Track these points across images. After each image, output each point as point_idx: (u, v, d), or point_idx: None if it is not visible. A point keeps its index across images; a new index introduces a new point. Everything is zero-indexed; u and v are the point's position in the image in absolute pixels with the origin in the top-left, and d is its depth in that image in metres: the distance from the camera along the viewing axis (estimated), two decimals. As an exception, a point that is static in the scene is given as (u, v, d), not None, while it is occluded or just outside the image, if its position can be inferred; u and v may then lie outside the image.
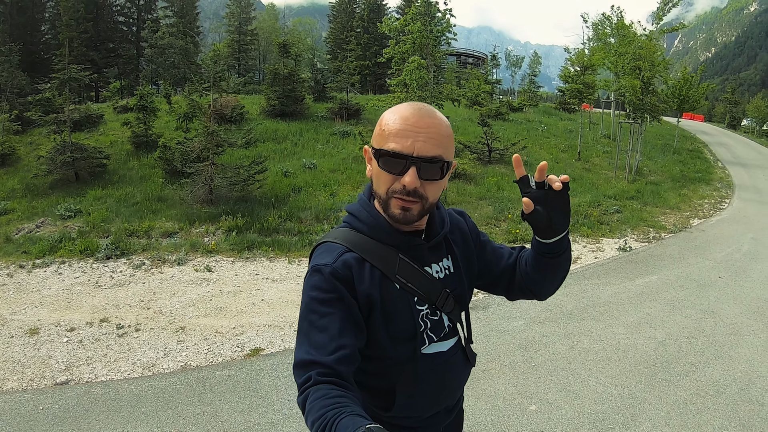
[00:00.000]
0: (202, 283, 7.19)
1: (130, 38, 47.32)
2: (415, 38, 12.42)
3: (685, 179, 20.75)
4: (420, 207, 1.44)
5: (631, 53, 20.03)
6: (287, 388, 4.38)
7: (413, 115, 1.41)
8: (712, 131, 48.67)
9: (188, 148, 12.01)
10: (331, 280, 1.39)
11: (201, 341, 5.39)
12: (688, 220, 13.93)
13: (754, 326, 6.79)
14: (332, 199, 12.12)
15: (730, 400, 4.86)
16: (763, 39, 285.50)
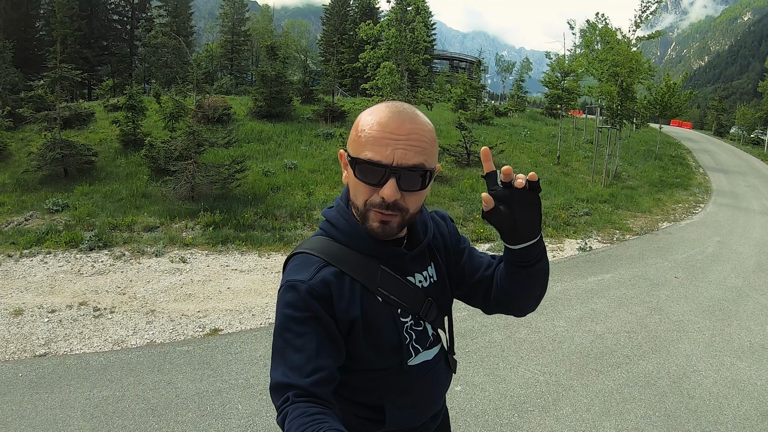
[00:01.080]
0: (175, 273, 7.78)
1: (123, 37, 47.58)
2: (390, 44, 12.88)
3: (662, 184, 21.08)
4: (399, 219, 1.39)
5: (610, 59, 20.41)
6: (236, 362, 4.97)
7: (392, 120, 1.33)
8: (699, 138, 49.00)
9: (172, 146, 12.54)
10: (307, 299, 1.34)
11: (167, 322, 5.99)
12: (656, 224, 14.24)
13: (700, 324, 7.02)
14: (308, 198, 12.67)
15: (659, 392, 5.06)
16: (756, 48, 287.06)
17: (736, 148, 45.40)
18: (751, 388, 5.31)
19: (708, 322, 7.10)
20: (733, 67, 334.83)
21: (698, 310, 7.59)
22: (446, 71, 58.56)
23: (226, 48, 53.31)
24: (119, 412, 4.13)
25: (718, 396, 5.10)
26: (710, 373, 5.56)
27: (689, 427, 4.52)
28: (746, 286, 9.07)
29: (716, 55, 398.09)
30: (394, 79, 12.75)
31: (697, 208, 17.51)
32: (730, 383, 5.38)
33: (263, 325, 6.00)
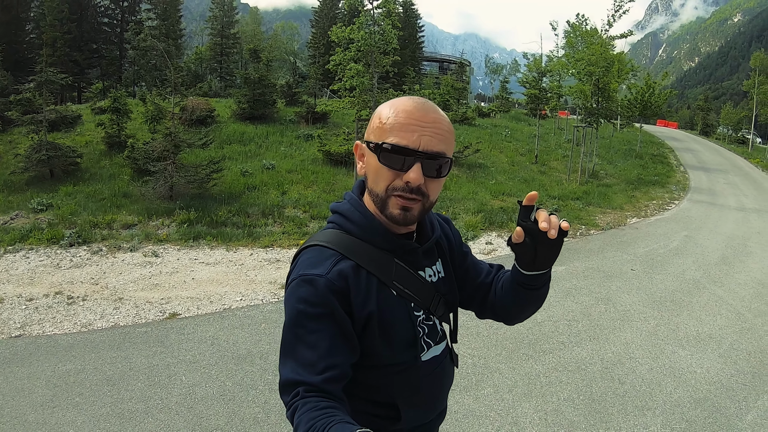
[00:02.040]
0: (146, 266, 8.34)
1: (113, 39, 47.69)
2: (359, 46, 13.34)
3: (640, 182, 21.34)
4: (421, 206, 1.41)
5: (585, 59, 20.85)
6: (187, 341, 5.55)
7: (418, 110, 1.38)
8: (683, 138, 49.27)
9: (151, 148, 13.07)
10: (325, 294, 1.35)
11: (132, 308, 6.56)
12: (625, 219, 14.42)
13: (647, 314, 7.17)
14: (282, 197, 13.20)
15: (588, 377, 5.20)
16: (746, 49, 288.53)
17: (721, 147, 45.63)
18: (689, 375, 5.46)
19: (656, 312, 7.28)
20: (723, 68, 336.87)
21: (648, 300, 7.76)
22: (434, 73, 58.97)
23: (215, 51, 53.67)
24: (78, 382, 4.71)
25: (650, 382, 5.23)
26: (647, 361, 5.72)
27: (613, 411, 4.67)
28: (705, 278, 9.25)
29: (706, 56, 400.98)
30: (362, 81, 13.22)
31: (671, 204, 17.73)
32: (666, 370, 5.54)
33: (218, 310, 6.55)
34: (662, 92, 34.38)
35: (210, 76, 50.54)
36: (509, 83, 47.10)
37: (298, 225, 10.97)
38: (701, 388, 5.21)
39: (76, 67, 43.43)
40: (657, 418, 4.61)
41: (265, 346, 5.41)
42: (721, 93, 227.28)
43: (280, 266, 8.52)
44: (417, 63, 64.91)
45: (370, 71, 13.48)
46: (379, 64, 13.72)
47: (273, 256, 9.10)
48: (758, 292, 8.76)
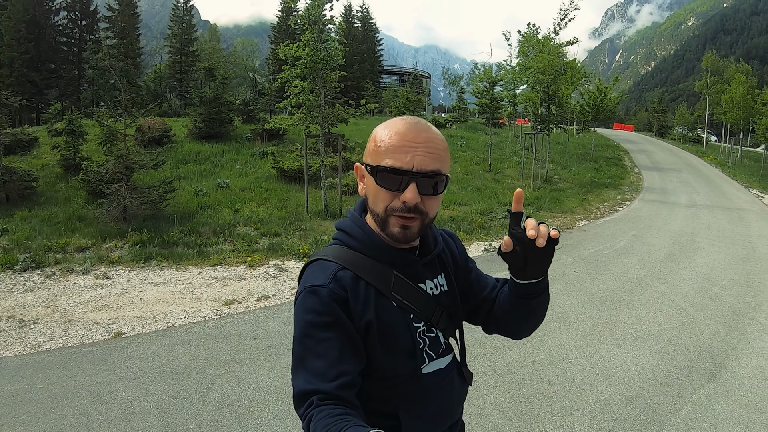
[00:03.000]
0: (97, 288, 8.63)
1: (71, 59, 47.09)
2: (305, 63, 13.69)
3: (593, 185, 21.92)
4: (419, 224, 1.46)
5: (534, 67, 21.45)
6: (129, 359, 5.87)
7: (410, 130, 1.43)
8: (638, 140, 50.57)
9: (104, 170, 13.27)
10: (329, 303, 1.40)
11: (80, 329, 6.87)
12: (574, 222, 14.81)
13: (585, 314, 7.34)
14: (234, 215, 13.49)
15: (517, 380, 5.30)
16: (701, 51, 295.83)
17: (675, 147, 46.88)
18: (622, 374, 5.58)
19: (594, 312, 7.46)
20: (679, 71, 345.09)
21: (588, 301, 7.95)
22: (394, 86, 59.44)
23: (174, 69, 53.29)
24: (26, 400, 5.02)
25: (581, 382, 5.33)
26: (579, 361, 5.83)
27: (539, 413, 4.76)
28: (649, 275, 9.57)
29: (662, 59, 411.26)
30: (308, 98, 13.57)
31: (623, 205, 18.22)
32: (599, 370, 5.65)
33: (161, 328, 6.88)
34: (614, 96, 35.24)
35: (170, 95, 50.35)
36: (465, 94, 47.74)
37: (248, 242, 11.25)
38: (634, 385, 5.34)
39: (34, 87, 43.15)
40: (585, 418, 4.72)
41: (203, 361, 5.75)
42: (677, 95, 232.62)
43: (226, 284, 8.86)
44: (376, 76, 65.23)
45: (317, 88, 13.83)
46: (326, 80, 14.07)
47: (220, 273, 9.42)
48: (702, 286, 9.11)
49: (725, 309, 8.02)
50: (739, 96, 39.32)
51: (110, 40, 48.17)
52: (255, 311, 7.55)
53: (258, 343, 6.26)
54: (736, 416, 4.92)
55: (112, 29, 49.66)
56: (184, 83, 51.10)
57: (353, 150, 21.25)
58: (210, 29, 70.74)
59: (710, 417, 4.87)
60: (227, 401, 4.92)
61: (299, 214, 13.76)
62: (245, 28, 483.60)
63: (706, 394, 5.29)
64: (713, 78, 50.27)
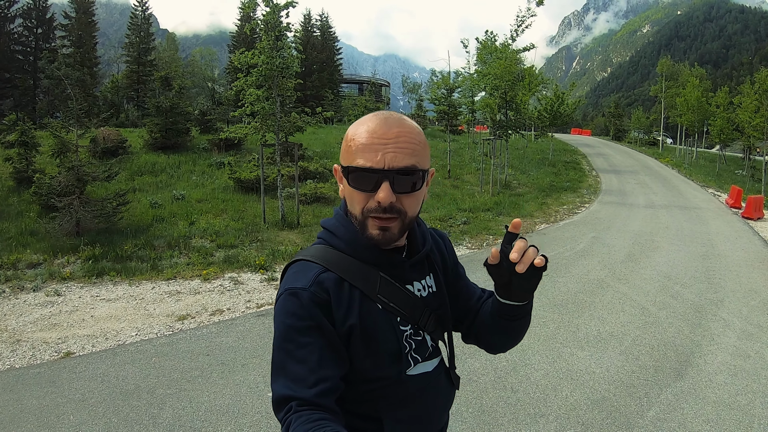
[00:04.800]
0: (47, 305, 8.45)
1: (26, 68, 46.09)
2: (261, 71, 13.62)
3: (552, 189, 22.24)
4: (399, 224, 1.41)
5: (491, 73, 21.69)
6: (78, 380, 5.74)
7: (380, 126, 1.37)
8: (596, 144, 51.58)
9: (55, 182, 13.02)
10: (309, 306, 1.36)
11: (29, 349, 6.72)
12: (534, 226, 14.98)
13: (546, 318, 7.31)
14: (189, 227, 13.34)
15: (480, 389, 5.22)
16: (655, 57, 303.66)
17: (632, 150, 48.02)
18: (587, 377, 5.53)
19: (556, 315, 7.43)
20: (635, 76, 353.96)
21: (549, 304, 7.90)
22: (354, 94, 59.55)
23: (132, 78, 52.54)
24: (-31, 426, 4.95)
25: (545, 388, 5.27)
26: (543, 366, 5.78)
27: (503, 421, 4.69)
28: (610, 276, 9.67)
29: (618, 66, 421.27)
30: (263, 105, 13.50)
31: (581, 208, 18.48)
32: (563, 374, 5.59)
33: (111, 347, 6.74)
34: (572, 102, 35.82)
35: (127, 105, 49.61)
36: (424, 102, 48.07)
37: (204, 255, 11.13)
38: (599, 388, 5.30)
39: (-12, 97, 42.19)
40: (550, 425, 4.66)
41: (153, 380, 5.63)
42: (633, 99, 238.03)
43: (180, 298, 8.75)
44: (335, 85, 65.30)
45: (273, 96, 13.76)
46: (283, 88, 14.01)
47: (174, 288, 9.30)
48: (663, 285, 9.25)
49: (688, 306, 8.17)
50: (693, 99, 40.43)
51: (67, 48, 47.37)
52: (209, 326, 7.46)
53: (211, 360, 6.17)
54: (705, 414, 4.95)
55: (69, 38, 48.71)
56: (142, 93, 50.16)
57: (311, 159, 21.14)
58: (168, 38, 69.98)
59: (679, 417, 4.89)
60: (178, 422, 4.82)
61: (256, 225, 13.65)
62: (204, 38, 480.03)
63: (673, 393, 5.32)
64: (668, 82, 51.60)
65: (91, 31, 51.16)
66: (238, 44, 56.12)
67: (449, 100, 25.25)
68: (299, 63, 14.25)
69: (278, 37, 13.78)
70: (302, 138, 18.01)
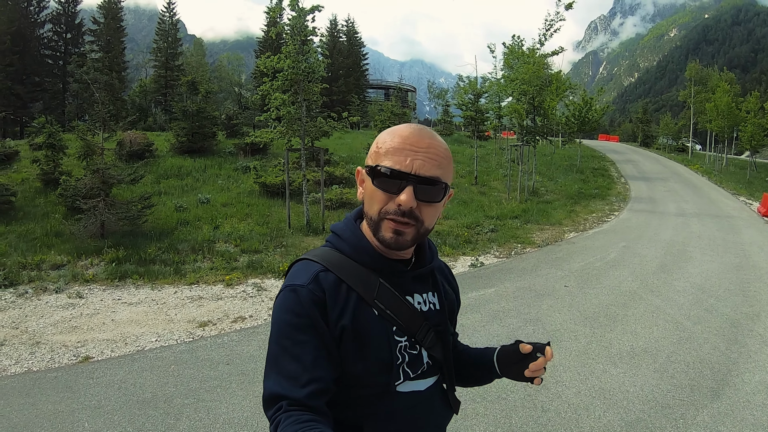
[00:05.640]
0: (69, 308, 8.39)
1: (56, 72, 46.82)
2: (286, 75, 13.52)
3: (580, 196, 21.91)
4: (414, 231, 1.40)
5: (519, 78, 21.45)
6: (95, 386, 5.62)
7: (413, 135, 1.39)
8: (624, 150, 50.95)
9: (80, 185, 13.06)
10: (307, 303, 1.37)
11: (48, 352, 6.63)
12: (563, 234, 14.65)
13: (578, 331, 7.03)
14: (214, 231, 13.26)
15: (508, 407, 4.95)
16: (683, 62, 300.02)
17: (661, 156, 47.33)
18: (620, 396, 5.26)
19: (587, 329, 7.14)
20: (662, 81, 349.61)
21: (580, 317, 7.64)
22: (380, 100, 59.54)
23: (160, 83, 52.97)
24: (-18, 430, 4.83)
25: (577, 407, 5.01)
26: (574, 383, 5.51)
27: None
28: (642, 288, 9.30)
29: (645, 71, 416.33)
30: (289, 110, 13.40)
31: (611, 216, 18.12)
32: (596, 392, 5.32)
33: (131, 352, 6.63)
34: (599, 107, 35.40)
35: (154, 109, 50.04)
36: (451, 107, 47.86)
37: (227, 260, 11.05)
38: (634, 408, 5.02)
39: (18, 100, 42.74)
40: None
41: (171, 389, 5.49)
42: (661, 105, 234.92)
43: (202, 303, 8.65)
44: (362, 90, 65.41)
45: (298, 100, 13.66)
46: (308, 92, 13.91)
47: (197, 293, 9.21)
48: (697, 298, 8.84)
49: (723, 321, 7.79)
50: (723, 104, 39.69)
51: (95, 53, 47.82)
52: (230, 333, 7.32)
53: (231, 369, 6.00)
54: (745, 437, 4.69)
55: (98, 43, 49.27)
56: (169, 97, 50.30)
57: (337, 164, 21.05)
58: (195, 43, 70.41)
59: (718, 440, 4.62)
60: (194, 433, 4.67)
61: (281, 230, 13.56)
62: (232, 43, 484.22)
63: (710, 414, 5.02)
64: (697, 87, 50.69)
65: (119, 36, 51.59)
66: (264, 49, 56.15)
67: (476, 105, 24.97)
68: (325, 67, 14.13)
69: (304, 41, 13.70)
70: (328, 143, 17.92)
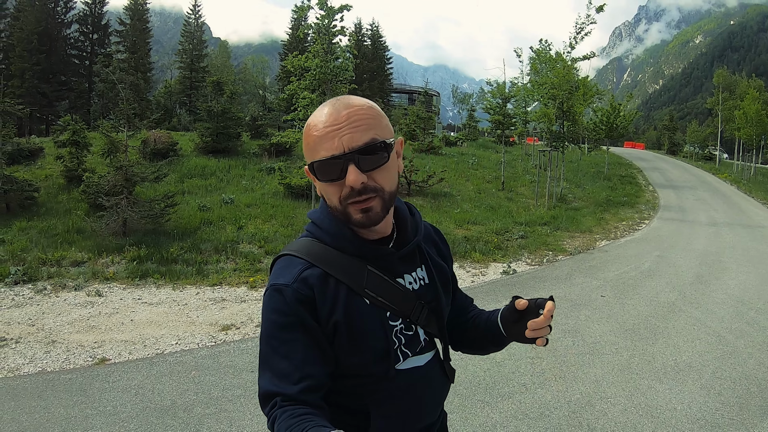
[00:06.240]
0: (87, 306, 8.13)
1: (82, 72, 47.54)
2: (314, 75, 13.23)
3: (609, 203, 21.55)
4: (380, 201, 1.37)
5: (548, 82, 21.15)
6: (111, 390, 5.31)
7: (329, 114, 1.34)
8: (651, 157, 50.32)
9: (103, 182, 12.88)
10: (292, 303, 1.34)
11: (63, 352, 6.34)
12: (594, 242, 14.31)
13: (618, 344, 6.74)
14: (237, 232, 13.00)
15: (553, 425, 4.72)
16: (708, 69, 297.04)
17: (688, 165, 46.72)
18: (668, 414, 4.97)
19: (629, 342, 6.85)
20: (687, 89, 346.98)
21: (620, 329, 7.35)
22: (404, 104, 59.48)
23: (185, 84, 53.49)
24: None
25: (624, 425, 4.74)
26: (620, 400, 5.23)
27: None
28: (680, 299, 8.93)
29: (670, 78, 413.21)
30: (314, 110, 13.11)
31: (641, 224, 17.77)
32: (642, 410, 5.04)
33: (149, 355, 6.33)
34: (628, 114, 34.91)
35: (179, 110, 50.40)
36: (476, 112, 47.57)
37: (251, 261, 10.77)
38: (683, 428, 4.73)
39: (45, 99, 43.25)
40: None
41: (192, 397, 5.16)
42: (686, 113, 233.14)
43: (225, 306, 8.34)
44: (386, 94, 65.56)
45: (326, 100, 13.38)
46: (336, 92, 13.62)
47: (219, 295, 8.91)
48: (738, 310, 8.50)
49: (766, 335, 7.40)
50: (753, 112, 38.80)
51: (121, 54, 48.38)
52: (254, 338, 6.93)
53: (255, 377, 5.58)
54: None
55: (123, 43, 49.90)
56: (194, 98, 50.79)
57: (363, 166, 20.49)
58: (220, 45, 70.90)
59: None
60: (216, 447, 4.32)
61: (306, 233, 13.20)
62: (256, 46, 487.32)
63: None
64: (724, 94, 49.83)
65: (145, 38, 52.17)
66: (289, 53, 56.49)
67: (504, 110, 24.62)
68: (353, 67, 13.85)
69: (331, 41, 13.43)
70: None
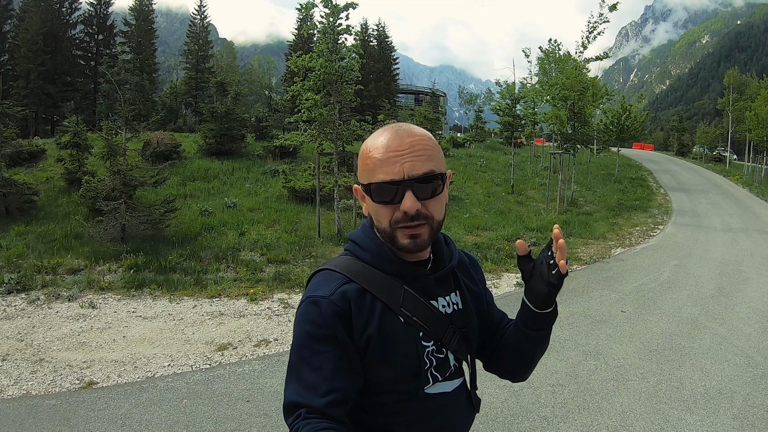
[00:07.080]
0: (79, 319, 7.76)
1: (87, 73, 47.54)
2: (319, 75, 12.88)
3: (621, 208, 21.16)
4: (428, 229, 1.40)
5: (560, 83, 20.78)
6: (96, 420, 4.93)
7: (393, 139, 1.38)
8: (660, 159, 49.86)
9: (102, 186, 12.55)
10: (329, 315, 1.35)
11: (50, 373, 5.97)
12: (609, 250, 13.92)
13: (644, 368, 6.27)
14: (239, 238, 12.61)
15: None
16: (715, 69, 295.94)
17: (698, 166, 46.29)
18: None
19: (654, 366, 6.36)
20: (694, 89, 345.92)
21: (644, 350, 6.88)
22: (410, 105, 59.25)
23: (190, 85, 53.40)
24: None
25: None
26: None
27: None
28: (704, 315, 8.51)
29: (677, 78, 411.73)
30: (321, 112, 12.74)
31: (656, 230, 17.40)
32: None
33: (139, 379, 5.93)
34: (638, 114, 34.48)
35: (185, 111, 50.23)
36: (483, 113, 47.26)
37: (252, 270, 10.38)
38: None
39: (50, 100, 43.19)
40: None
41: (181, 430, 4.72)
42: (693, 113, 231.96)
43: (222, 321, 7.92)
44: (392, 95, 65.30)
45: (331, 102, 13.01)
46: (341, 94, 13.24)
47: (218, 308, 8.50)
48: (763, 327, 8.09)
49: (795, 356, 6.96)
50: (764, 113, 38.18)
51: (126, 54, 48.21)
52: (252, 361, 6.51)
53: (251, 409, 5.14)
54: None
55: (129, 44, 49.73)
56: (199, 99, 50.18)
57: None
58: (226, 46, 71.00)
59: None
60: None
61: (310, 239, 12.86)
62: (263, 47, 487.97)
63: None
64: (734, 95, 49.23)
65: (150, 39, 52.07)
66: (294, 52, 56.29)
67: (513, 111, 24.25)
68: (359, 67, 13.46)
69: (336, 40, 13.06)
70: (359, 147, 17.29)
